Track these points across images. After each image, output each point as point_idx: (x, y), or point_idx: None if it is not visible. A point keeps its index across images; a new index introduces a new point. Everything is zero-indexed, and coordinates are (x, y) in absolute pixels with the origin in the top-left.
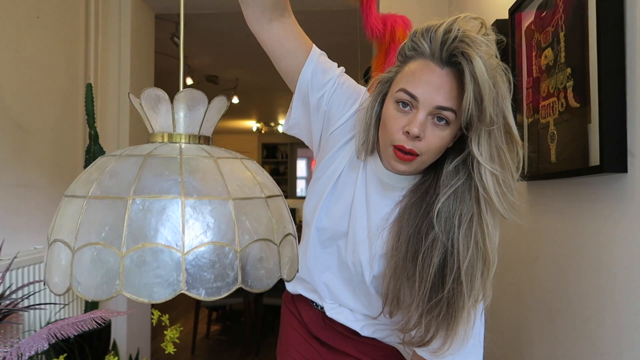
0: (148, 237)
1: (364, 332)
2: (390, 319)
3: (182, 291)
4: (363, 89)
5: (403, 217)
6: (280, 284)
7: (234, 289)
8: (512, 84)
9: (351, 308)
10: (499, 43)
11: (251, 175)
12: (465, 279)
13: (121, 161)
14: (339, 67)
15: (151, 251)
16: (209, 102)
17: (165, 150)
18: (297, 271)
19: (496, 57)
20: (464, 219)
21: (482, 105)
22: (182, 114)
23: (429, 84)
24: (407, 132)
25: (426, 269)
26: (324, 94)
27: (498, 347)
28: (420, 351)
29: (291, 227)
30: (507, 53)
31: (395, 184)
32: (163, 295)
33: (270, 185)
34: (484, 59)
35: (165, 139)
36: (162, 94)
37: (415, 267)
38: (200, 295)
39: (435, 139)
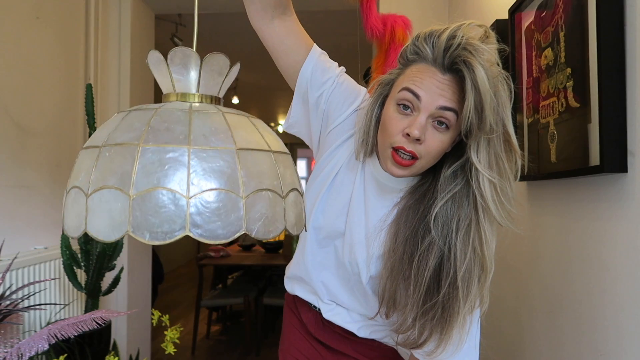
0: (156, 182)
1: (361, 334)
2: (386, 320)
3: (187, 233)
4: (363, 89)
5: (400, 218)
6: (282, 284)
7: (238, 234)
8: (512, 93)
9: (348, 308)
10: (501, 51)
11: (256, 130)
12: (462, 284)
13: (132, 114)
14: (339, 66)
15: (160, 194)
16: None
17: (175, 105)
18: (305, 229)
19: (498, 65)
20: (461, 225)
21: (483, 114)
22: (202, 76)
23: (431, 87)
24: (408, 135)
25: (422, 272)
26: (322, 93)
27: (498, 348)
28: (415, 353)
29: (297, 183)
30: (507, 53)
31: (394, 185)
32: (170, 236)
33: (276, 143)
34: (486, 68)
35: (179, 99)
36: (190, 52)
37: (411, 270)
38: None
39: (435, 142)
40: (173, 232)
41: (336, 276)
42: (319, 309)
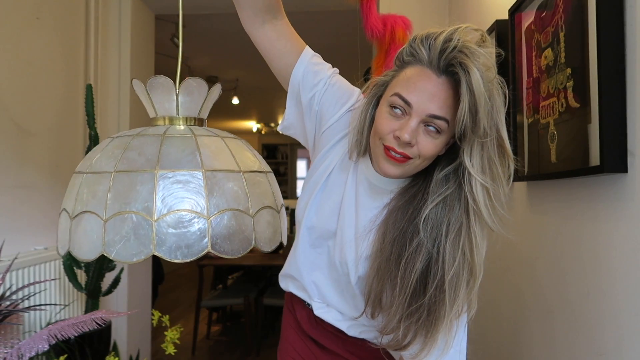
0: (175, 205)
1: (351, 332)
2: (372, 320)
3: (209, 250)
4: (356, 89)
5: (389, 219)
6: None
7: (204, 253)
8: (507, 98)
9: (338, 309)
10: (497, 56)
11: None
12: (449, 288)
13: (140, 139)
14: (334, 67)
15: (178, 217)
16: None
17: (176, 131)
18: (283, 245)
19: (494, 69)
20: (451, 228)
21: (477, 117)
22: (181, 99)
23: (423, 91)
24: (398, 137)
25: (408, 274)
26: (315, 94)
27: (496, 351)
28: (401, 355)
29: (272, 200)
30: (507, 53)
31: (385, 186)
32: (196, 254)
33: (249, 162)
34: (482, 71)
35: (167, 122)
36: (165, 80)
37: (398, 270)
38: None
39: (428, 145)
40: (141, 254)
41: (328, 277)
42: (311, 306)
